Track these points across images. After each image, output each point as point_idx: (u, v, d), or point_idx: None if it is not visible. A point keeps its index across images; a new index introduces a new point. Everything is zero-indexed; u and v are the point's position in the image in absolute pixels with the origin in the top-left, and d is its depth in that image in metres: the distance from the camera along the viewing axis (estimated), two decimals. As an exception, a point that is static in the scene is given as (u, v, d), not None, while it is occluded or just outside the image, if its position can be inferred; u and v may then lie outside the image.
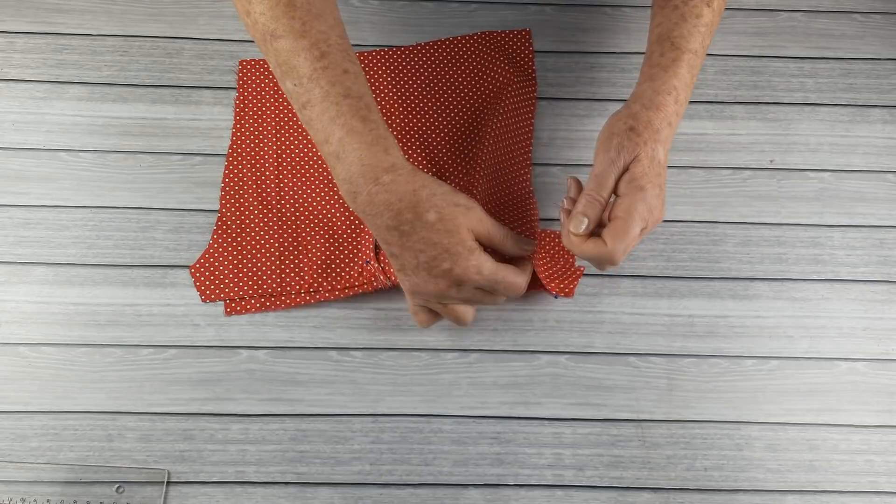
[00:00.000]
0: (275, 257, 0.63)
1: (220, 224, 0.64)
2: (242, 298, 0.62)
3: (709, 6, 0.56)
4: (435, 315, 0.58)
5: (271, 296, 0.62)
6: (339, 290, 0.62)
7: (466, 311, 0.57)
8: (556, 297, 0.62)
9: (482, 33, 0.72)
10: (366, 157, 0.53)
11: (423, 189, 0.53)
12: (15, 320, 0.61)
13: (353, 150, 0.53)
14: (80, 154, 0.67)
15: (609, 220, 0.52)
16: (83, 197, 0.65)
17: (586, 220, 0.52)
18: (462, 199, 0.54)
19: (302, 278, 0.62)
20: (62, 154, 0.67)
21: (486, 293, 0.55)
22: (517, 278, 0.55)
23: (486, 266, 0.53)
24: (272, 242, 0.64)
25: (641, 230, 0.52)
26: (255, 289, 0.62)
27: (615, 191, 0.53)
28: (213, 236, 0.64)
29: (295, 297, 0.62)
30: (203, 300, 0.62)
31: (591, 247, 0.52)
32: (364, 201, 0.53)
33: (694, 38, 0.56)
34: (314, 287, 0.62)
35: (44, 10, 0.72)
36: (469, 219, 0.53)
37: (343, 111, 0.53)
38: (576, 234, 0.53)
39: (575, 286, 0.61)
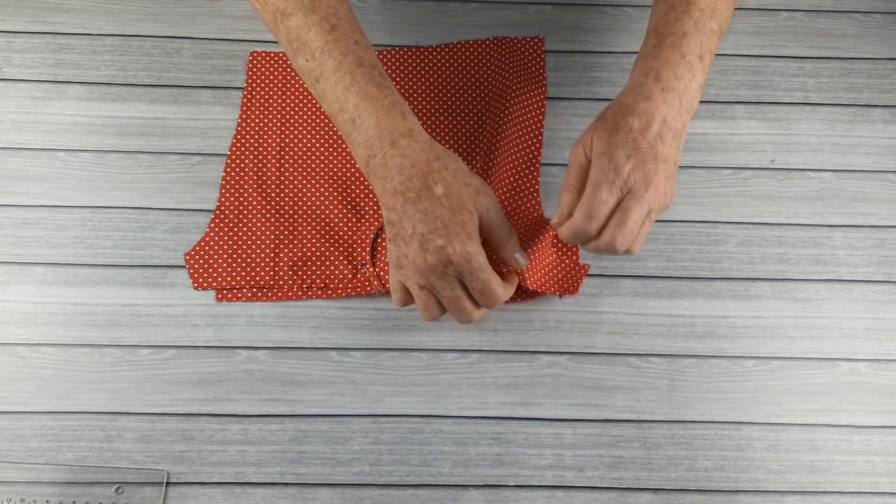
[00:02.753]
0: (270, 250, 0.63)
1: (217, 213, 0.64)
2: (234, 288, 0.62)
3: None
4: (410, 298, 0.56)
5: (263, 287, 0.62)
6: (331, 289, 0.62)
7: (463, 302, 0.54)
8: (561, 298, 0.62)
9: (495, 38, 0.72)
10: (383, 120, 0.53)
11: (437, 161, 0.52)
12: (14, 320, 0.61)
13: (369, 115, 0.53)
14: (79, 154, 0.66)
15: None
16: (82, 197, 0.65)
17: (560, 208, 0.55)
18: (475, 180, 0.53)
19: (295, 273, 0.62)
20: (61, 154, 0.66)
21: (461, 297, 0.53)
22: (499, 288, 0.54)
23: (476, 258, 0.52)
24: (268, 235, 0.64)
25: (647, 213, 0.52)
26: (248, 280, 0.62)
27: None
28: (210, 224, 0.64)
29: (287, 291, 0.62)
30: (195, 287, 0.62)
31: (565, 228, 0.53)
32: (378, 163, 0.53)
33: (682, 22, 0.54)
34: (307, 283, 0.62)
35: (43, 10, 0.72)
36: (477, 203, 0.53)
37: (357, 79, 0.54)
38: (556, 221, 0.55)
39: (580, 283, 0.62)
